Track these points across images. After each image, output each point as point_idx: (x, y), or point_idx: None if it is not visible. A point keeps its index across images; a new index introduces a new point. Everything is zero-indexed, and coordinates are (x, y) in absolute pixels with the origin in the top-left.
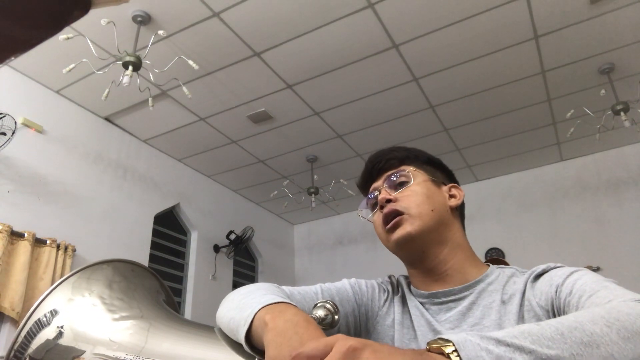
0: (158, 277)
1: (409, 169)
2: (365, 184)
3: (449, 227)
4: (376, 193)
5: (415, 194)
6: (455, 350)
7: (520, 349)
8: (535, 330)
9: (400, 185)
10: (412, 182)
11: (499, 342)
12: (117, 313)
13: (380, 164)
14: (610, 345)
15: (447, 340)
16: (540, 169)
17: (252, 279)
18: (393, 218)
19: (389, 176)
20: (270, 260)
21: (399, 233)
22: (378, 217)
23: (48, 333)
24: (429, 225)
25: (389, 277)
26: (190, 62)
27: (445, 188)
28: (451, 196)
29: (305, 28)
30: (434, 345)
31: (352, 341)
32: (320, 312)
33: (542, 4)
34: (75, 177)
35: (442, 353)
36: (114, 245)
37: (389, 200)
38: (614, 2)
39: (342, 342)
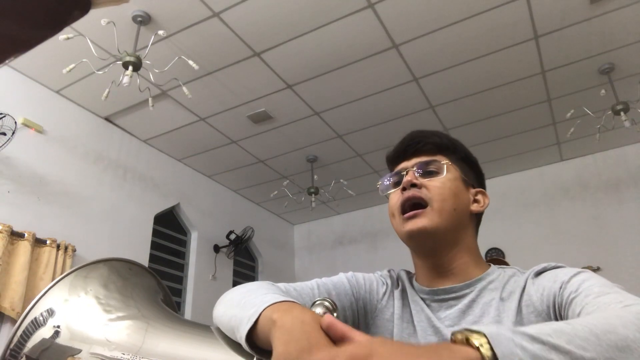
0: (155, 276)
1: (444, 161)
2: (395, 159)
3: (464, 230)
4: (403, 173)
5: (443, 188)
6: (488, 343)
7: (556, 348)
8: (567, 330)
9: (430, 174)
10: (443, 175)
11: (534, 338)
12: (114, 312)
13: (418, 146)
14: None
15: (477, 332)
16: (540, 169)
17: (252, 279)
18: (412, 204)
19: (422, 161)
20: (270, 260)
21: (415, 224)
22: (396, 196)
23: (44, 332)
24: (446, 225)
25: (389, 271)
26: (190, 62)
27: (472, 191)
28: (475, 200)
29: (305, 28)
30: (460, 337)
31: (358, 349)
32: (318, 310)
33: (542, 4)
34: (75, 177)
35: (471, 345)
36: (114, 245)
37: (414, 185)
38: (614, 2)
39: (345, 355)
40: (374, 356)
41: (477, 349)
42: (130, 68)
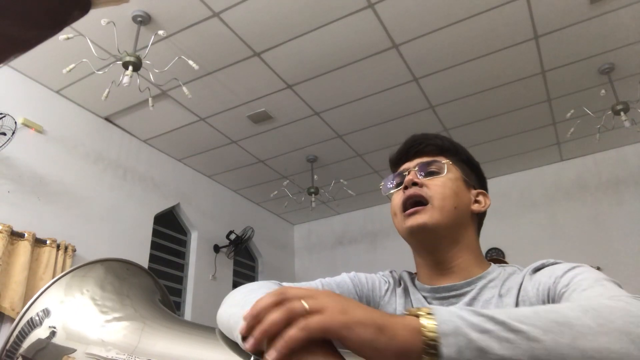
0: (153, 276)
1: (445, 161)
2: (397, 161)
3: (465, 229)
4: (405, 173)
5: (443, 187)
6: (430, 314)
7: (493, 320)
8: (513, 310)
9: (432, 174)
10: (444, 174)
11: (476, 312)
12: (110, 313)
13: (420, 147)
14: (583, 327)
15: (426, 308)
16: (540, 169)
17: (252, 279)
18: (414, 202)
19: (424, 162)
20: (270, 260)
21: (415, 220)
22: (398, 195)
23: (40, 333)
24: (447, 222)
25: (390, 271)
26: (190, 62)
27: (473, 192)
28: (476, 201)
29: (305, 28)
30: (412, 311)
31: (330, 292)
32: None
33: (542, 4)
34: (75, 177)
35: (417, 316)
36: (114, 245)
37: (415, 184)
38: (614, 2)
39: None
40: (345, 300)
41: (419, 317)
42: (130, 68)
